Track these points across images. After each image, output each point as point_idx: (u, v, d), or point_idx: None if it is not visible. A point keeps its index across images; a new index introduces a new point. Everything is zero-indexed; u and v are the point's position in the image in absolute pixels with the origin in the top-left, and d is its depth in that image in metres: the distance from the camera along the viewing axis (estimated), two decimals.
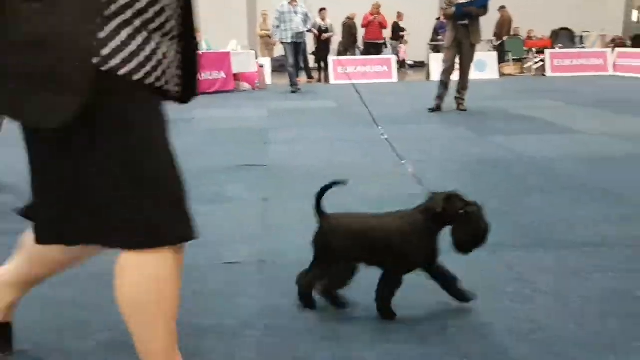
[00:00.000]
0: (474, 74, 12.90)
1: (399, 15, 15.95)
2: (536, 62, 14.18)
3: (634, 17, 20.42)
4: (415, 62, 18.12)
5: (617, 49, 14.26)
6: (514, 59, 14.34)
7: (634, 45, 15.85)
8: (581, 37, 16.08)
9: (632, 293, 2.13)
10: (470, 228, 1.87)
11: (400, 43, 15.70)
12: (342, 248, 1.92)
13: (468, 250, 1.90)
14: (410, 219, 1.93)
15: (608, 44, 15.38)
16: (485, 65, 13.37)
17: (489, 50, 14.28)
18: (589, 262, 2.44)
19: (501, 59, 13.90)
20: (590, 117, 6.80)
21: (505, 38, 14.61)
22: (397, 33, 15.78)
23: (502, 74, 13.63)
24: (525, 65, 14.48)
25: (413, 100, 9.14)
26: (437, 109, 7.48)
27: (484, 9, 7.17)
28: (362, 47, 15.16)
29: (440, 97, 7.51)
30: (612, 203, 3.32)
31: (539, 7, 16.87)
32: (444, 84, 7.47)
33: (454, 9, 7.02)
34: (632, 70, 12.91)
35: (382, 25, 14.14)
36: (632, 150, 4.79)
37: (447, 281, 1.99)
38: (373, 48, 14.24)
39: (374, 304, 1.96)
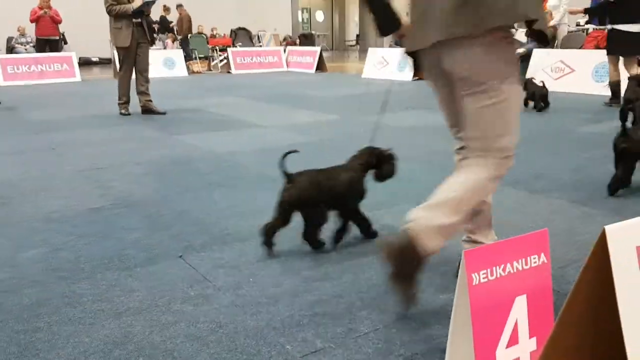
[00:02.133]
0: (163, 72, 12.86)
1: (166, 9, 15.27)
2: (221, 60, 14.90)
3: (300, 18, 23.34)
4: (100, 58, 17.04)
5: (289, 47, 16.07)
6: (200, 57, 14.77)
7: (302, 44, 18.09)
8: (258, 36, 17.57)
9: (300, 273, 2.37)
10: (392, 165, 2.70)
11: (167, 37, 15.08)
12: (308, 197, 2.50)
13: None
14: (351, 169, 2.62)
15: (281, 43, 17.19)
16: (174, 63, 13.42)
17: (177, 48, 14.39)
18: (262, 251, 2.62)
19: (188, 57, 14.16)
20: (270, 111, 7.45)
21: (189, 36, 14.92)
22: (167, 25, 15.34)
23: (191, 72, 13.90)
24: (212, 63, 15.08)
25: (98, 101, 8.56)
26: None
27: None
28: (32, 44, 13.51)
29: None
30: None
31: (219, 6, 17.73)
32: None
33: (131, 6, 6.71)
34: (301, 66, 14.73)
35: (55, 20, 12.77)
36: (302, 139, 5.42)
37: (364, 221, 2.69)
38: (48, 45, 12.77)
39: None
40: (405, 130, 5.70)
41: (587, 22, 11.02)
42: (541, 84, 6.80)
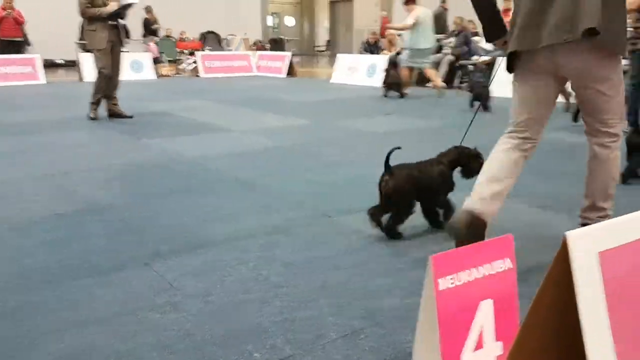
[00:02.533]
0: (130, 75, 12.64)
1: (148, 11, 14.98)
2: (190, 64, 14.76)
3: (269, 22, 23.32)
4: (66, 61, 16.67)
5: (259, 52, 16.03)
6: (169, 60, 14.60)
7: (272, 48, 18.06)
8: (227, 40, 17.47)
9: (268, 279, 2.36)
10: (479, 163, 2.82)
11: (150, 41, 14.77)
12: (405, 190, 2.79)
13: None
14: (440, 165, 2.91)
15: (251, 47, 17.13)
16: (141, 66, 13.22)
17: (145, 51, 14.17)
18: (234, 256, 2.61)
19: (157, 60, 13.98)
20: (240, 115, 7.41)
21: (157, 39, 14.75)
22: (149, 28, 15.00)
23: (159, 75, 13.71)
24: (180, 66, 14.92)
25: (64, 104, 8.36)
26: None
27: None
28: None
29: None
30: (255, 194, 3.65)
31: (188, 9, 17.56)
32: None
33: (108, 9, 6.58)
34: (271, 70, 14.70)
35: (18, 21, 12.43)
36: (272, 143, 5.40)
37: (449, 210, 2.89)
38: (11, 47, 12.41)
39: None
40: (377, 136, 5.75)
41: None
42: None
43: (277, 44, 18.83)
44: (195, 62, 14.49)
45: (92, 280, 2.36)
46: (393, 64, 9.54)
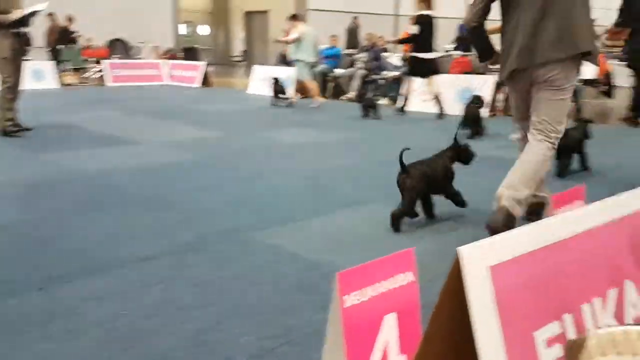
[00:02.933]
0: (31, 84, 11.83)
1: (69, 19, 14.07)
2: (95, 72, 14.09)
3: (182, 31, 22.79)
4: None
5: (171, 61, 15.61)
6: (73, 68, 13.85)
7: (185, 58, 17.65)
8: (136, 48, 16.86)
9: (177, 302, 2.28)
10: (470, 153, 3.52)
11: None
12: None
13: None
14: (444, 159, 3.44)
15: (162, 55, 16.63)
16: (43, 75, 12.44)
17: (49, 60, 13.36)
18: (142, 278, 2.50)
19: (59, 68, 13.21)
20: (148, 127, 7.15)
21: (62, 47, 13.92)
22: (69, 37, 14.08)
23: (62, 84, 12.96)
24: (86, 75, 14.20)
25: None
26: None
27: None
28: None
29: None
30: (165, 211, 3.53)
31: (94, 16, 16.77)
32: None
33: (11, 16, 6.09)
34: (185, 80, 14.37)
35: None
36: (184, 157, 5.26)
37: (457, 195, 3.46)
38: None
39: None
40: (291, 148, 5.77)
41: (455, 49, 12.01)
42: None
43: (190, 53, 18.43)
44: (101, 70, 13.85)
45: None
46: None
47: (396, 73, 10.52)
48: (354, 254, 2.82)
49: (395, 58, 12.01)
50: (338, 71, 11.96)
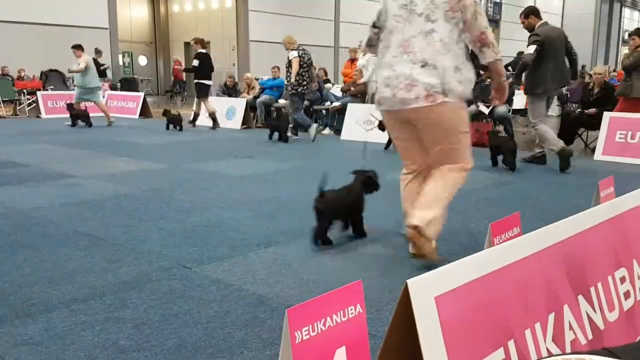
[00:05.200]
0: None
1: (97, 51, 14.17)
2: (29, 104, 13.53)
3: (120, 62, 22.36)
4: None
5: (109, 91, 15.22)
6: (4, 100, 13.24)
7: (124, 88, 17.28)
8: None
9: (117, 343, 2.17)
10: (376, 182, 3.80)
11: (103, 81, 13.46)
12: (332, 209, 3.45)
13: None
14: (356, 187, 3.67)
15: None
16: None
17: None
18: (77, 320, 2.37)
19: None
20: (86, 160, 6.89)
21: None
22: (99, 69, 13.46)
23: None
24: (19, 107, 13.60)
25: None
26: None
27: None
28: None
29: None
30: (102, 247, 3.38)
31: (26, 47, 16.19)
32: None
33: None
34: (123, 111, 14.01)
35: None
36: (122, 190, 5.09)
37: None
38: None
39: None
40: (233, 179, 5.72)
41: None
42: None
43: (129, 84, 18.08)
44: (35, 102, 13.32)
45: None
46: (251, 107, 9.98)
47: (338, 104, 10.73)
48: (300, 286, 2.80)
49: (336, 89, 12.27)
50: (281, 102, 12.06)
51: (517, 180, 5.85)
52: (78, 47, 11.27)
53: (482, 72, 8.06)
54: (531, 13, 6.76)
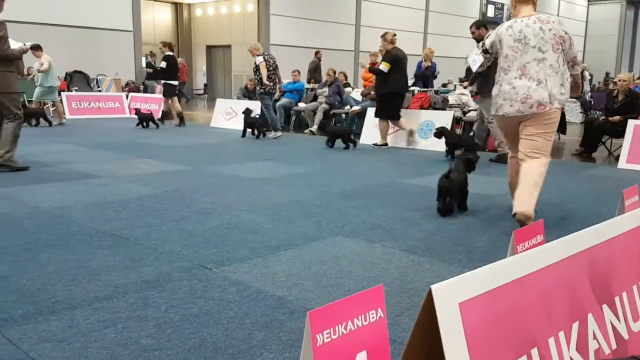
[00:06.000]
0: None
1: (152, 54, 14.39)
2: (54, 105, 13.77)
3: (144, 64, 22.69)
4: None
5: (132, 93, 15.45)
6: (29, 101, 13.50)
7: (146, 90, 17.51)
8: (97, 80, 16.63)
9: (139, 342, 2.20)
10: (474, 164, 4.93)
11: (157, 83, 14.07)
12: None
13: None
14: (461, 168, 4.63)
15: (123, 88, 16.46)
16: None
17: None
18: (100, 318, 2.41)
19: None
20: (109, 161, 7.00)
21: (19, 78, 13.59)
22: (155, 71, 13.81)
23: None
24: (44, 107, 13.85)
25: None
26: None
27: None
28: None
29: None
30: (124, 247, 3.43)
31: (51, 47, 16.51)
32: None
33: (18, 49, 6.08)
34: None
35: None
36: (144, 191, 5.16)
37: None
38: None
39: None
40: (253, 182, 5.75)
41: (413, 85, 12.35)
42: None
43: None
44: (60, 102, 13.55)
45: None
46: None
47: (357, 108, 10.73)
48: (319, 290, 2.81)
49: (356, 93, 12.27)
50: (301, 105, 12.11)
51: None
52: (37, 48, 11.30)
53: None
54: (482, 25, 7.59)
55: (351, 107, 11.07)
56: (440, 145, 8.19)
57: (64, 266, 3.06)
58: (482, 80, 7.16)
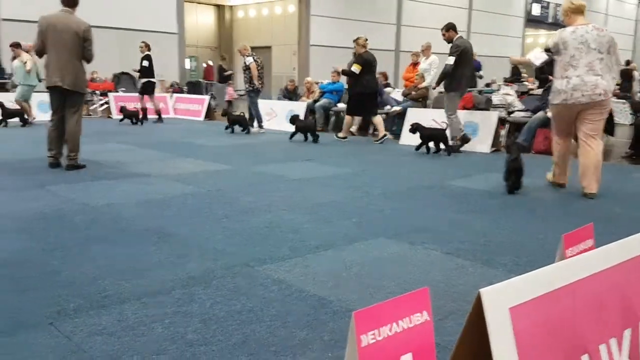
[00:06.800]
0: (39, 116, 11.94)
1: (222, 58, 15.60)
2: (101, 105, 14.25)
3: (187, 66, 23.19)
4: None
5: (176, 94, 15.81)
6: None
7: (190, 91, 17.89)
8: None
9: (185, 337, 2.26)
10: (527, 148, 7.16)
11: (228, 86, 15.08)
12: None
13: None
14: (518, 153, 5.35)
15: (168, 89, 16.86)
16: (47, 107, 12.55)
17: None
18: (147, 313, 2.48)
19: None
20: (155, 160, 7.19)
21: None
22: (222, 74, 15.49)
23: None
24: (91, 108, 14.36)
25: None
26: None
27: None
28: None
29: None
30: (170, 244, 3.52)
31: (99, 50, 17.06)
32: None
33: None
34: (189, 113, 14.52)
35: None
36: (189, 189, 5.28)
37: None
38: None
39: None
40: (293, 182, 5.80)
41: None
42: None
43: (195, 87, 18.69)
44: (107, 102, 14.02)
45: None
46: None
47: (398, 108, 10.65)
48: (361, 291, 2.81)
49: (397, 93, 12.18)
50: (341, 105, 12.11)
51: None
52: (17, 45, 11.22)
53: (550, 77, 7.85)
54: (451, 28, 8.37)
55: (391, 107, 11.00)
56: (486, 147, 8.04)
57: (114, 261, 3.17)
58: (448, 79, 8.17)
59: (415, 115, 9.62)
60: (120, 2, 17.61)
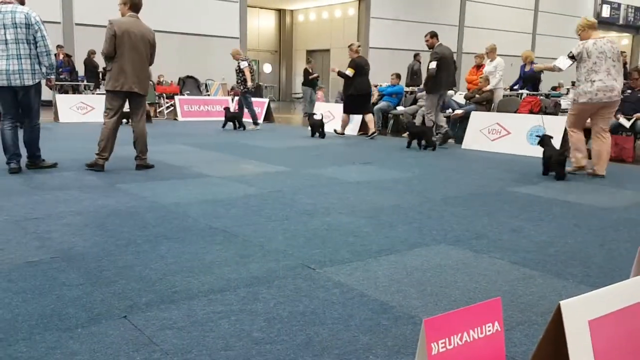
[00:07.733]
0: (101, 117, 12.54)
1: (309, 62, 15.70)
2: (168, 107, 14.81)
3: (267, 70, 23.70)
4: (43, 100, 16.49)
5: (237, 97, 16.18)
6: (147, 103, 14.62)
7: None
8: (206, 85, 17.64)
9: (251, 335, 2.32)
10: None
11: (319, 89, 15.58)
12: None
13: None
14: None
15: (229, 92, 17.30)
16: None
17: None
18: (214, 309, 2.56)
19: None
20: (217, 161, 7.41)
21: None
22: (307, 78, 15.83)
23: None
24: (159, 110, 14.95)
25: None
26: None
27: None
28: None
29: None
30: (233, 243, 3.62)
31: (166, 54, 17.75)
32: None
33: None
34: (248, 116, 14.82)
35: None
36: (250, 190, 5.40)
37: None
38: None
39: None
40: (352, 185, 5.81)
41: (521, 87, 11.81)
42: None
43: (255, 90, 19.09)
44: (173, 105, 14.54)
45: (67, 333, 2.28)
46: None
47: (460, 111, 10.45)
48: (423, 297, 2.78)
49: (459, 96, 11.95)
50: (400, 108, 12.02)
51: None
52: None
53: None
54: (434, 35, 9.53)
55: (453, 110, 10.81)
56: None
57: (182, 258, 3.29)
58: (432, 81, 9.26)
59: (479, 118, 9.39)
60: (185, 9, 18.24)
